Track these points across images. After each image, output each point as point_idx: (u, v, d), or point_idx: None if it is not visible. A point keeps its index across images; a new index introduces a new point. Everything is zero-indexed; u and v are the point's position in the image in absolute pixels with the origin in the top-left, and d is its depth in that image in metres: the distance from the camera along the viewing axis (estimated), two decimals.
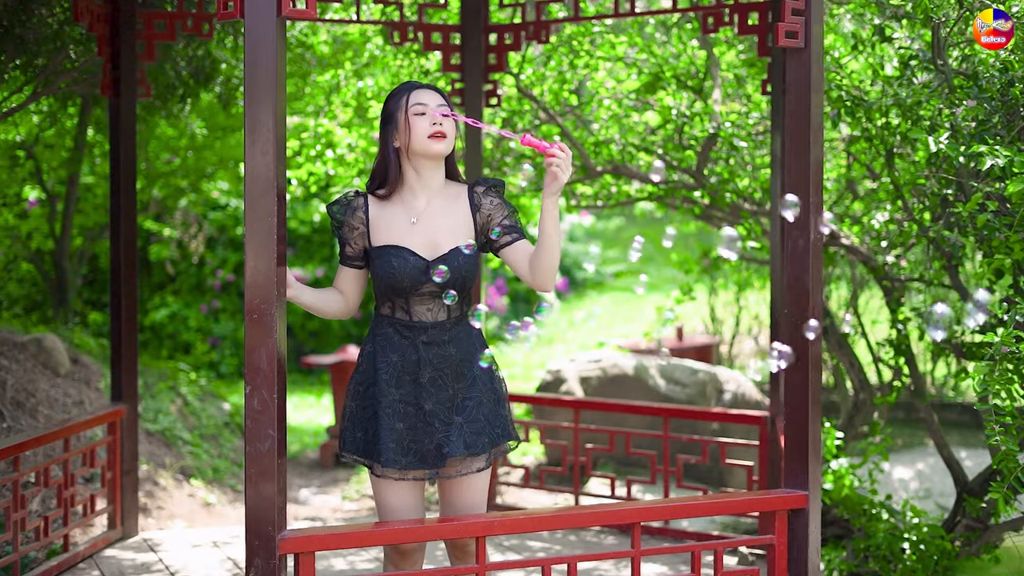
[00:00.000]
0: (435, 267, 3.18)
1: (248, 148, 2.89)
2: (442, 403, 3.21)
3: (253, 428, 2.90)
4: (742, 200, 5.50)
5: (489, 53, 5.27)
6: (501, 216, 3.28)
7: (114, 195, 4.88)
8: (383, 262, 3.21)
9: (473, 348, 3.28)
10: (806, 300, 3.41)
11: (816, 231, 3.42)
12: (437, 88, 3.30)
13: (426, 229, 3.24)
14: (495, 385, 3.31)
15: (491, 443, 3.25)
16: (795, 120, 3.42)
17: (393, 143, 3.26)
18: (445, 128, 3.22)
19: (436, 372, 3.22)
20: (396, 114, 3.24)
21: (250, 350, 2.89)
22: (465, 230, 3.26)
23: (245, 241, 2.89)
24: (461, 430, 3.20)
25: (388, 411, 3.21)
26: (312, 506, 6.63)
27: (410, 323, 3.24)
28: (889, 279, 5.42)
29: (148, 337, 10.83)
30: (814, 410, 3.43)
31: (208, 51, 5.57)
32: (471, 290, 3.32)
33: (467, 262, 3.22)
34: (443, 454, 3.18)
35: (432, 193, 3.28)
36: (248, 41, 2.88)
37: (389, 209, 3.28)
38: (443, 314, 3.25)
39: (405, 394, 3.22)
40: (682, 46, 5.95)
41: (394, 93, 3.29)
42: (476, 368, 3.26)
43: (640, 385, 6.69)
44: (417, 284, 3.20)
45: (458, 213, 3.28)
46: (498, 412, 3.28)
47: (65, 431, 4.45)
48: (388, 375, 3.23)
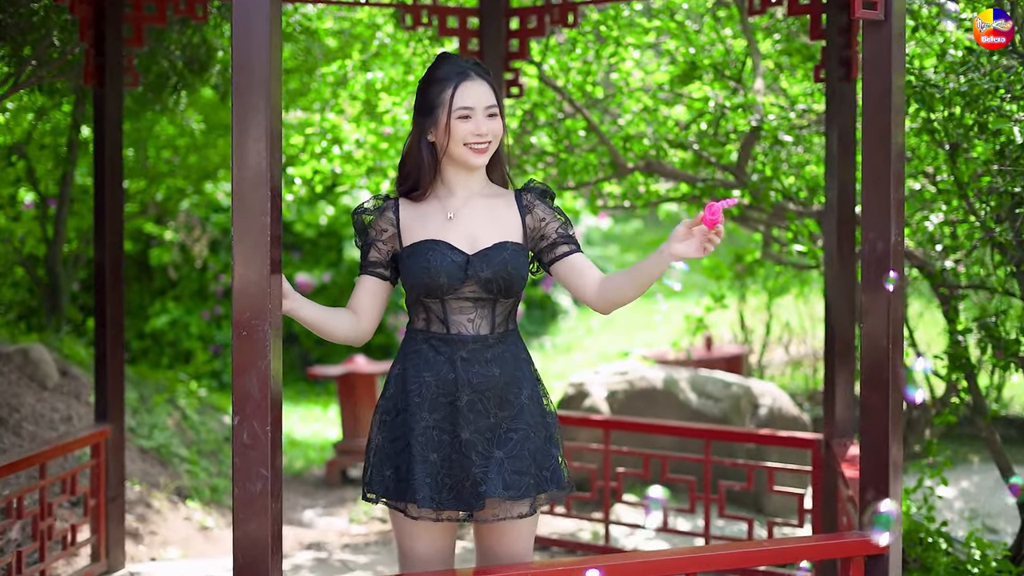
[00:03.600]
0: (476, 264, 2.73)
1: (237, 136, 2.43)
2: (481, 432, 2.73)
3: (242, 466, 2.44)
4: (786, 200, 5.03)
5: (510, 39, 4.81)
6: (556, 224, 2.83)
7: (98, 194, 4.43)
8: (417, 258, 2.75)
9: (521, 370, 2.80)
10: (884, 312, 2.94)
11: (898, 233, 2.96)
12: (489, 76, 2.82)
13: (465, 224, 2.80)
14: (547, 419, 2.82)
15: (537, 487, 2.74)
16: (873, 103, 2.95)
17: (428, 136, 2.80)
18: (489, 135, 2.76)
19: (476, 395, 2.74)
20: (436, 110, 2.77)
21: (239, 373, 2.43)
22: (512, 230, 2.81)
23: (233, 244, 2.43)
24: (501, 467, 2.70)
25: (421, 439, 2.73)
26: (317, 529, 6.16)
27: (447, 336, 2.76)
28: (947, 286, 4.95)
29: (148, 345, 10.40)
30: (895, 439, 2.96)
31: (203, 37, 5.12)
32: (517, 300, 2.84)
33: (515, 259, 2.76)
34: (479, 493, 2.69)
35: (471, 192, 2.84)
36: (237, 7, 2.42)
37: (422, 208, 2.82)
38: (486, 326, 2.77)
39: (440, 419, 2.74)
40: (714, 35, 5.48)
41: (437, 77, 2.79)
42: (524, 394, 2.77)
43: (670, 399, 6.22)
44: (455, 282, 2.73)
45: (504, 211, 2.83)
46: (548, 451, 2.78)
47: (40, 456, 4.00)
48: (421, 397, 2.75)
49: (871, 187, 2.96)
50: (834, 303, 4.21)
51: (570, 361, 10.55)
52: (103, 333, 4.39)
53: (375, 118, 5.92)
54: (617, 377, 6.37)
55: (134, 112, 6.56)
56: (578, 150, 5.56)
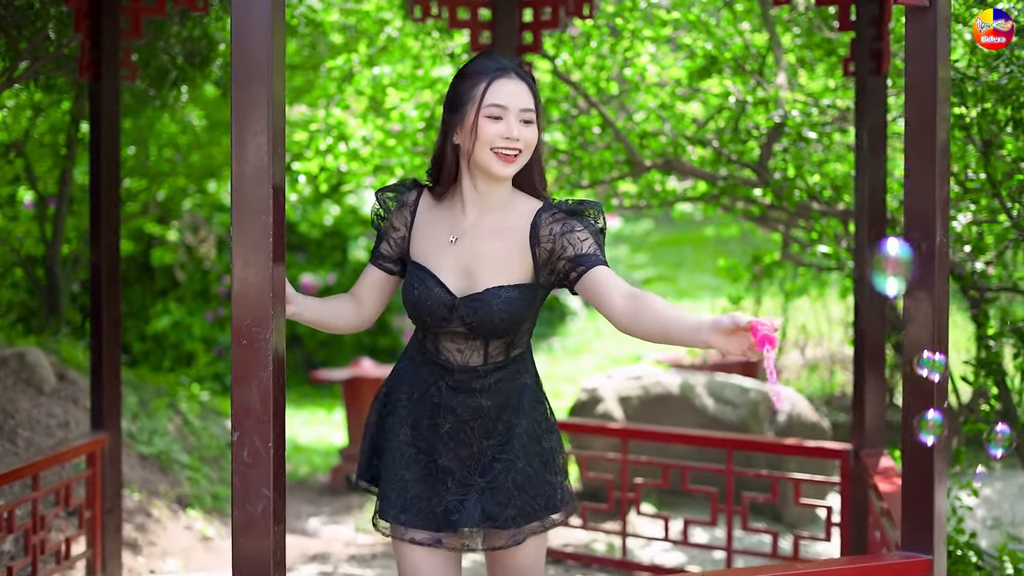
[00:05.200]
0: (462, 308, 2.50)
1: (236, 129, 2.24)
2: (461, 461, 2.55)
3: (242, 487, 2.25)
4: (810, 199, 4.84)
5: (524, 31, 4.61)
6: (569, 247, 2.48)
7: (95, 192, 4.24)
8: (407, 286, 2.56)
9: (517, 398, 2.57)
10: (928, 318, 2.75)
11: (943, 234, 2.77)
12: (530, 77, 2.53)
13: (465, 254, 2.54)
14: (544, 445, 2.60)
15: (524, 517, 2.54)
16: (917, 95, 2.76)
17: (453, 137, 2.54)
18: (522, 142, 2.47)
19: (460, 424, 2.55)
20: (465, 106, 2.49)
21: (238, 385, 2.24)
22: (517, 267, 2.51)
23: (233, 245, 2.24)
24: (481, 495, 2.51)
25: (396, 453, 2.57)
26: (322, 539, 5.97)
27: (436, 360, 2.57)
28: (977, 288, 4.76)
29: (150, 347, 10.22)
30: (940, 455, 2.77)
31: (204, 31, 4.93)
32: (522, 334, 2.59)
33: (506, 310, 2.48)
34: (451, 522, 2.52)
35: (486, 209, 2.55)
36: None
37: (436, 215, 2.59)
38: (477, 358, 2.55)
39: (419, 439, 2.57)
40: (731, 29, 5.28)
41: (471, 71, 2.52)
42: (517, 424, 2.55)
43: (686, 405, 6.02)
44: (439, 321, 2.52)
45: (511, 242, 2.52)
46: (543, 478, 2.57)
47: (32, 467, 3.81)
48: (405, 410, 2.58)
49: (914, 185, 2.77)
50: (864, 307, 4.02)
51: (579, 364, 10.36)
52: (99, 337, 4.20)
53: (382, 114, 5.72)
54: (631, 382, 6.17)
55: (134, 109, 6.38)
56: (592, 147, 5.37)
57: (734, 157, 4.85)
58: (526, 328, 2.58)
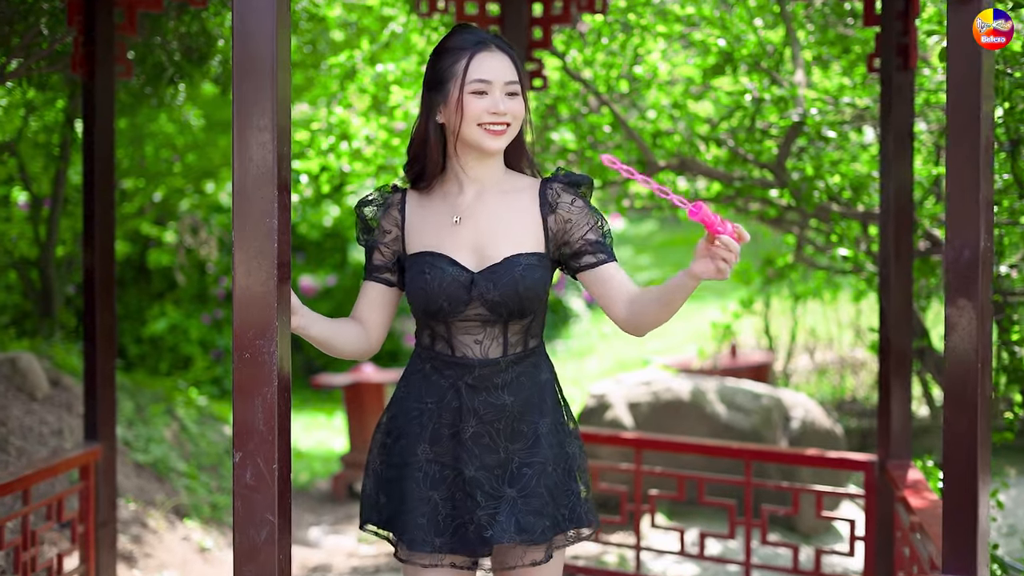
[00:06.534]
0: (481, 283, 2.35)
1: (238, 126, 2.07)
2: (488, 469, 2.37)
3: (244, 512, 2.08)
4: (830, 200, 4.68)
5: (533, 26, 4.45)
6: (585, 226, 2.41)
7: (88, 192, 4.06)
8: (415, 274, 2.38)
9: (539, 395, 2.42)
10: (972, 327, 2.59)
11: (987, 238, 2.61)
12: (510, 48, 2.42)
13: (473, 231, 2.40)
14: (567, 450, 2.44)
15: (554, 528, 2.38)
16: (960, 89, 2.59)
17: (437, 117, 2.41)
18: (509, 115, 2.36)
19: (483, 426, 2.38)
20: (447, 83, 2.37)
21: (240, 402, 2.08)
22: (530, 236, 2.40)
23: (234, 251, 2.08)
24: (513, 507, 2.34)
25: (418, 474, 2.38)
26: (324, 549, 5.81)
27: (451, 359, 2.39)
28: (1000, 293, 4.60)
29: (146, 350, 10.06)
30: (984, 468, 2.61)
31: (203, 26, 4.76)
32: (538, 318, 2.45)
33: (529, 278, 2.35)
34: (485, 539, 2.33)
35: (484, 186, 2.43)
36: None
37: (429, 204, 2.44)
38: (497, 348, 2.40)
39: (441, 452, 2.39)
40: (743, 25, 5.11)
41: (448, 47, 2.40)
42: (542, 423, 2.40)
43: (697, 412, 5.86)
44: (457, 305, 2.35)
45: (521, 212, 2.41)
46: (567, 486, 2.41)
47: (23, 481, 3.64)
48: (421, 426, 2.40)
49: (956, 185, 2.61)
50: (890, 312, 3.85)
51: (583, 367, 10.20)
52: (93, 343, 4.03)
53: (386, 112, 5.55)
54: (641, 388, 6.01)
55: (130, 108, 6.21)
56: (602, 146, 5.21)
57: (751, 157, 4.69)
58: (542, 308, 2.44)
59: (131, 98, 5.69)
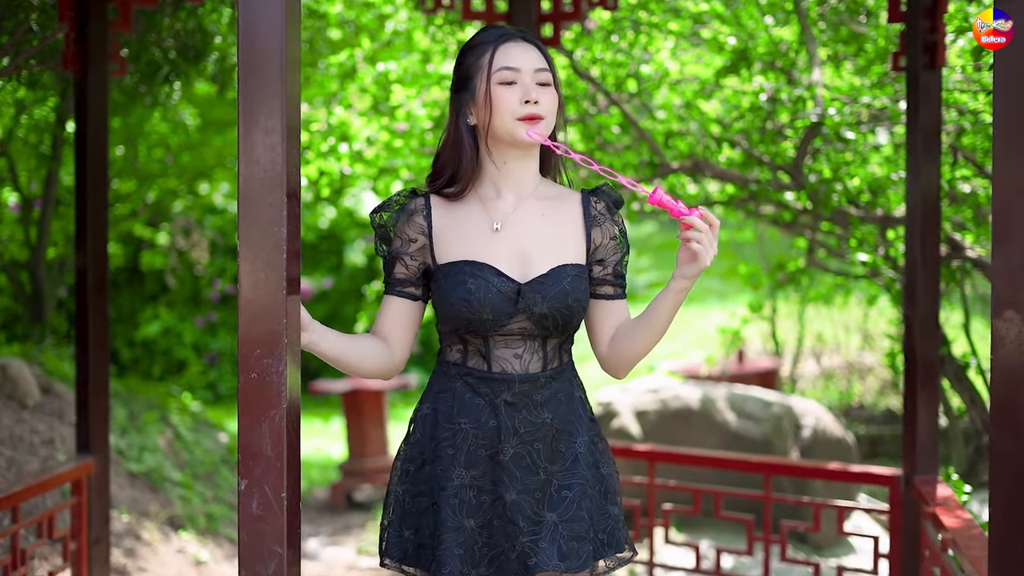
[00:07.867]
0: (529, 295, 2.20)
1: (244, 127, 1.91)
2: (529, 492, 2.21)
3: (250, 543, 1.92)
4: (849, 203, 4.53)
5: (542, 23, 4.29)
6: (618, 254, 2.32)
7: (80, 193, 3.90)
8: (454, 284, 2.21)
9: (576, 412, 2.28)
10: (1019, 339, 2.44)
11: None
12: (535, 40, 2.28)
13: (515, 239, 2.25)
14: (602, 470, 2.30)
15: (596, 553, 2.24)
16: (1010, 89, 2.44)
17: (468, 119, 2.26)
18: (542, 107, 2.21)
19: (523, 446, 2.22)
20: (474, 79, 2.24)
21: (246, 426, 1.92)
22: (572, 246, 2.27)
23: (239, 262, 1.92)
24: (555, 532, 2.19)
25: (454, 501, 2.21)
26: (322, 561, 5.64)
27: (488, 375, 2.24)
28: None
29: (139, 354, 9.89)
30: None
31: (199, 23, 4.60)
32: (572, 333, 2.31)
33: (577, 290, 2.23)
34: (528, 567, 2.17)
35: (523, 192, 2.28)
36: None
37: (462, 212, 2.27)
38: (537, 363, 2.25)
39: (478, 476, 2.22)
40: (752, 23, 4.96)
41: (472, 44, 2.28)
42: (579, 442, 2.25)
43: (707, 420, 5.71)
44: (502, 318, 2.20)
45: (564, 222, 2.28)
46: (604, 509, 2.28)
47: (12, 498, 3.47)
48: (455, 448, 2.23)
49: (1003, 190, 2.45)
50: (916, 320, 3.70)
51: (583, 373, 10.03)
52: (86, 351, 3.86)
53: (387, 113, 5.39)
54: (648, 395, 5.86)
55: (123, 107, 6.05)
56: (610, 147, 5.05)
57: (766, 159, 4.54)
58: (580, 323, 2.32)
59: (124, 97, 5.53)
